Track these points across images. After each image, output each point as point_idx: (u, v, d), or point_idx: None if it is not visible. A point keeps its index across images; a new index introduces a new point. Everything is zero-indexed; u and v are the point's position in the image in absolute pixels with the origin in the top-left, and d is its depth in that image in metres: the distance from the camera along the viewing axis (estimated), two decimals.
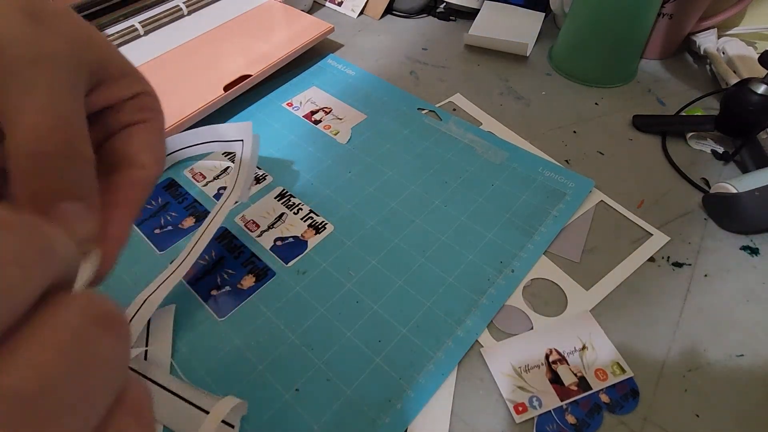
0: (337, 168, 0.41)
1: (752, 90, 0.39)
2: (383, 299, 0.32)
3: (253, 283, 0.33)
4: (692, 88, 0.50)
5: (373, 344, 0.30)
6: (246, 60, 0.47)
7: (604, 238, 0.36)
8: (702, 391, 0.29)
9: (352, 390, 0.28)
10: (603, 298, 0.33)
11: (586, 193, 0.39)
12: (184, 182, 0.40)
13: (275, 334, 0.31)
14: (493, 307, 0.32)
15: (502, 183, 0.39)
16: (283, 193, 0.39)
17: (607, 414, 0.28)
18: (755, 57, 0.49)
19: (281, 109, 0.47)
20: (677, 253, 0.35)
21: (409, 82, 0.51)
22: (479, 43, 0.55)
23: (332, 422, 0.27)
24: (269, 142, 0.43)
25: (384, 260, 0.34)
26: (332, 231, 0.36)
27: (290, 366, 0.29)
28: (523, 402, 0.28)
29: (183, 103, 0.42)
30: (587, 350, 0.30)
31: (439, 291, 0.33)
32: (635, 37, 0.48)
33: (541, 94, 0.50)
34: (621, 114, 0.47)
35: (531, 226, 0.36)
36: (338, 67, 0.52)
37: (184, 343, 0.30)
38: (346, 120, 0.46)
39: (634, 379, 0.29)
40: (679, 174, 0.41)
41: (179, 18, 0.53)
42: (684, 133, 0.44)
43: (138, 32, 0.50)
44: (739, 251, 0.36)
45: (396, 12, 0.62)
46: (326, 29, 0.52)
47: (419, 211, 0.38)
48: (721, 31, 0.54)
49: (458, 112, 0.47)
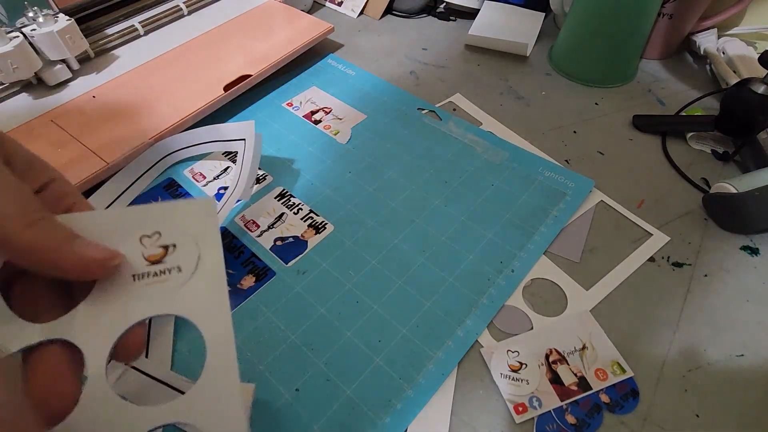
0: (337, 168, 0.41)
1: (752, 90, 0.39)
2: (383, 299, 0.32)
3: (253, 283, 0.33)
4: (692, 88, 0.50)
5: (373, 344, 0.30)
6: (246, 60, 0.47)
7: (604, 238, 0.36)
8: (702, 391, 0.29)
9: (352, 390, 0.28)
10: (603, 298, 0.33)
11: (586, 193, 0.39)
12: (184, 182, 0.40)
13: (275, 334, 0.31)
14: (493, 307, 0.32)
15: (502, 183, 0.39)
16: (283, 193, 0.39)
17: (607, 414, 0.28)
18: (755, 57, 0.49)
19: (281, 109, 0.47)
20: (677, 253, 0.35)
21: (409, 82, 0.51)
22: (479, 43, 0.55)
23: (332, 422, 0.27)
24: (269, 142, 0.43)
25: (384, 260, 0.34)
26: (332, 231, 0.36)
27: (290, 366, 0.29)
28: (523, 402, 0.28)
29: (183, 103, 0.42)
30: (587, 350, 0.30)
31: (439, 291, 0.33)
32: (635, 37, 0.48)
33: (541, 94, 0.50)
34: (621, 114, 0.47)
35: (531, 226, 0.36)
36: (338, 67, 0.52)
37: (184, 343, 0.30)
38: (346, 120, 0.46)
39: (634, 379, 0.29)
40: (679, 174, 0.41)
41: (179, 18, 0.53)
42: (684, 133, 0.44)
43: (138, 32, 0.50)
44: (739, 251, 0.36)
45: (396, 12, 0.62)
46: (326, 29, 0.52)
47: (419, 211, 0.38)
48: (721, 31, 0.54)
49: (458, 112, 0.47)
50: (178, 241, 0.16)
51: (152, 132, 0.40)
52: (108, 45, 0.48)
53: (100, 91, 0.44)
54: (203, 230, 0.17)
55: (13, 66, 0.40)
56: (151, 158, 0.40)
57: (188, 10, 0.54)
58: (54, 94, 0.44)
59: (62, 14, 0.43)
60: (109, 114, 0.42)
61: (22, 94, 0.44)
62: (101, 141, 0.39)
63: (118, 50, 0.49)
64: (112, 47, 0.49)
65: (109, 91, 0.44)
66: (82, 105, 0.43)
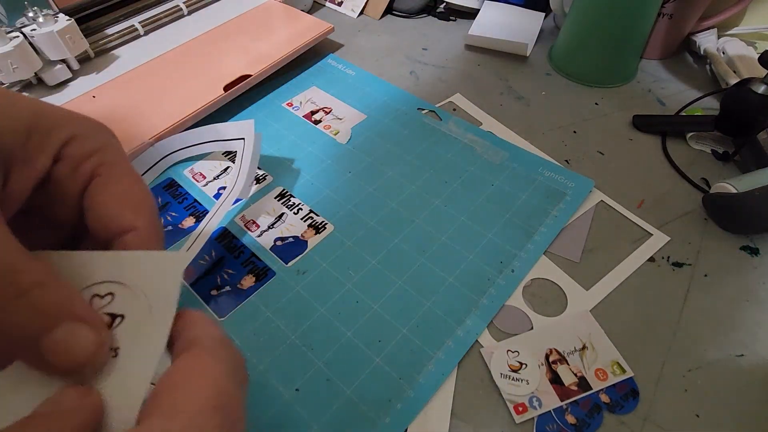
0: (337, 168, 0.41)
1: (752, 90, 0.39)
2: (383, 299, 0.32)
3: (253, 283, 0.33)
4: (692, 88, 0.50)
5: (373, 344, 0.30)
6: (246, 60, 0.47)
7: (604, 238, 0.36)
8: (702, 391, 0.29)
9: (352, 390, 0.28)
10: (603, 298, 0.33)
11: (586, 193, 0.39)
12: (184, 182, 0.40)
13: (275, 334, 0.31)
14: (493, 307, 0.32)
15: (502, 183, 0.39)
16: (283, 193, 0.39)
17: (607, 414, 0.28)
18: (755, 57, 0.49)
19: (281, 109, 0.47)
20: (677, 253, 0.35)
21: (409, 82, 0.51)
22: (479, 43, 0.55)
23: (332, 422, 0.27)
24: (269, 142, 0.43)
25: (384, 260, 0.34)
26: (332, 231, 0.36)
27: (290, 366, 0.29)
28: (523, 402, 0.28)
29: (183, 103, 0.42)
30: (587, 350, 0.30)
31: (439, 291, 0.33)
32: (635, 37, 0.48)
33: (541, 94, 0.50)
34: (621, 114, 0.47)
35: (531, 226, 0.36)
36: (338, 67, 0.52)
37: None
38: (346, 120, 0.46)
39: (634, 379, 0.29)
40: (679, 174, 0.41)
41: (179, 18, 0.53)
42: (684, 133, 0.44)
43: (138, 32, 0.50)
44: (739, 251, 0.36)
45: (396, 12, 0.62)
46: (326, 29, 0.52)
47: (419, 211, 0.38)
48: (721, 31, 0.54)
49: (458, 112, 0.47)
50: (129, 312, 0.14)
51: (152, 132, 0.40)
52: (108, 45, 0.48)
53: (100, 91, 0.44)
54: (160, 304, 0.15)
55: (13, 66, 0.40)
56: (151, 158, 0.40)
57: (188, 10, 0.54)
58: (54, 94, 0.44)
59: (62, 14, 0.43)
60: (109, 114, 0.42)
61: (23, 94, 0.44)
62: None
63: (118, 50, 0.49)
64: (112, 47, 0.49)
65: (109, 91, 0.44)
66: (82, 105, 0.43)
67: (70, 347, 0.12)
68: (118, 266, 0.15)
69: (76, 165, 0.15)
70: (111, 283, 0.15)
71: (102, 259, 0.15)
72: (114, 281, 0.15)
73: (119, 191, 0.15)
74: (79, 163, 0.15)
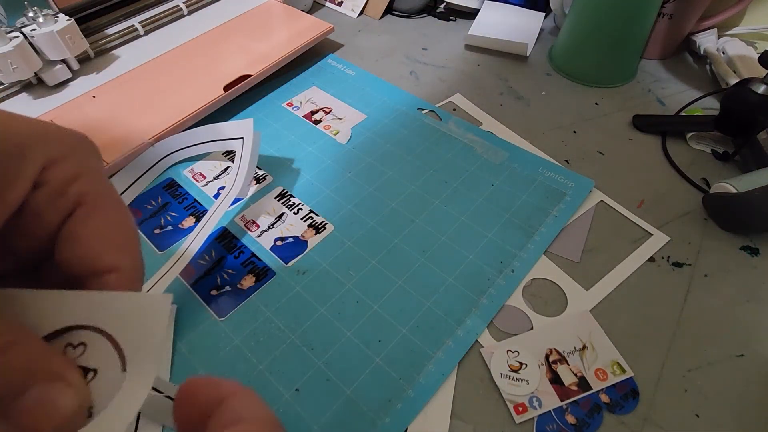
0: (337, 168, 0.41)
1: (752, 90, 0.39)
2: (383, 299, 0.32)
3: (253, 283, 0.33)
4: (692, 88, 0.50)
5: (373, 344, 0.30)
6: (246, 60, 0.47)
7: (604, 238, 0.36)
8: (702, 391, 0.29)
9: (352, 390, 0.28)
10: (603, 298, 0.33)
11: (586, 193, 0.39)
12: (184, 182, 0.40)
13: (275, 334, 0.31)
14: (493, 307, 0.32)
15: (502, 183, 0.39)
16: (283, 193, 0.39)
17: (607, 414, 0.28)
18: (755, 57, 0.49)
19: (281, 109, 0.47)
20: (677, 253, 0.35)
21: (409, 82, 0.51)
22: (479, 43, 0.55)
23: (332, 422, 0.27)
24: (269, 142, 0.43)
25: (384, 260, 0.34)
26: (332, 231, 0.36)
27: (290, 366, 0.29)
28: (523, 402, 0.28)
29: (183, 103, 0.42)
30: (587, 350, 0.30)
31: (439, 291, 0.33)
32: (635, 37, 0.48)
33: (541, 94, 0.50)
34: (621, 114, 0.47)
35: (531, 226, 0.36)
36: (338, 67, 0.52)
37: (184, 343, 0.30)
38: (346, 120, 0.46)
39: (634, 379, 0.29)
40: (679, 174, 0.41)
41: (179, 18, 0.53)
42: (684, 133, 0.44)
43: (138, 32, 0.50)
44: (739, 251, 0.36)
45: (396, 12, 0.62)
46: (326, 29, 0.52)
47: (419, 211, 0.38)
48: (721, 31, 0.54)
49: (458, 112, 0.47)
50: (103, 366, 0.13)
51: (152, 132, 0.40)
52: (108, 45, 0.48)
53: (100, 91, 0.44)
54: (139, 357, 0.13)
55: (13, 66, 0.40)
56: (151, 158, 0.40)
57: (188, 10, 0.54)
58: (54, 94, 0.44)
59: (62, 14, 0.43)
60: (109, 114, 0.42)
61: (22, 94, 0.44)
62: (101, 141, 0.39)
63: (118, 50, 0.49)
64: (112, 47, 0.49)
65: (109, 91, 0.44)
66: (82, 105, 0.43)
67: (47, 409, 0.11)
68: (95, 309, 0.13)
69: (59, 192, 0.13)
70: (84, 329, 0.13)
71: (76, 300, 0.13)
72: (88, 326, 0.13)
73: (104, 225, 0.14)
74: (62, 190, 0.13)
